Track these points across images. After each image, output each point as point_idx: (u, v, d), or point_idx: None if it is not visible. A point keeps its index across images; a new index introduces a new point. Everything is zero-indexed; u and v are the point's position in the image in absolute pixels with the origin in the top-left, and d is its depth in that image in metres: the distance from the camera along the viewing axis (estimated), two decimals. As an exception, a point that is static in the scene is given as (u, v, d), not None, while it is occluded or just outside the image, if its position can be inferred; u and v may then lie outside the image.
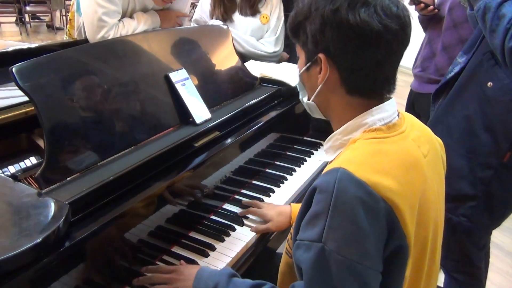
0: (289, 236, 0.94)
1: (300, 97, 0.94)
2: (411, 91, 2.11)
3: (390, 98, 0.85)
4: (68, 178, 0.93)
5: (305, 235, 0.74)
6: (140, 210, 1.00)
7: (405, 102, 2.13)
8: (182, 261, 1.05)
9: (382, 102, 0.83)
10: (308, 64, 0.84)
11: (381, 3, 0.75)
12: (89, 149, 1.00)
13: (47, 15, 8.45)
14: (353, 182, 0.70)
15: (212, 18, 1.97)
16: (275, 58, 1.99)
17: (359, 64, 0.78)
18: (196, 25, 2.06)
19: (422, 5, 1.84)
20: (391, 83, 0.83)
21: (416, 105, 2.07)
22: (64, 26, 8.39)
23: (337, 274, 0.69)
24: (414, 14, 1.97)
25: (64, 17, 8.44)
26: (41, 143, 1.18)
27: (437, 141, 0.93)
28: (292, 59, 2.08)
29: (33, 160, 1.16)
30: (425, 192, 0.79)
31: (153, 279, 0.98)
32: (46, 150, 0.91)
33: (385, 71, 0.80)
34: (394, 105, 0.84)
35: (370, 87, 0.81)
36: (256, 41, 1.95)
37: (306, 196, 0.78)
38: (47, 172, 0.90)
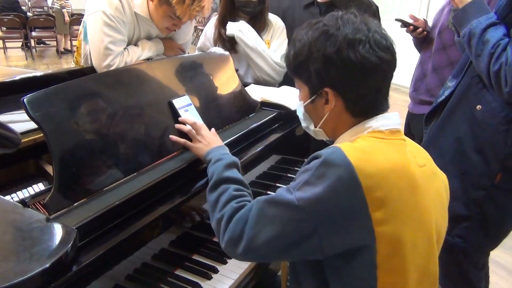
0: None
1: (305, 125, 1.02)
2: (408, 112, 2.16)
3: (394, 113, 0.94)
4: (75, 204, 0.97)
5: (292, 184, 0.86)
6: (145, 234, 1.03)
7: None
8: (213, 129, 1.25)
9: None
10: (313, 97, 0.93)
11: (373, 39, 0.85)
12: (96, 174, 1.04)
13: (53, 40, 8.61)
14: (341, 159, 0.80)
15: (215, 45, 2.04)
16: (280, 71, 2.02)
17: (362, 93, 0.88)
18: (200, 52, 2.12)
19: (412, 27, 1.92)
20: (387, 99, 0.93)
21: (411, 126, 2.11)
22: (70, 49, 8.56)
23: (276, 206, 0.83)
24: (409, 37, 2.05)
25: (70, 42, 8.62)
26: (48, 169, 1.23)
27: (441, 174, 0.99)
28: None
29: (40, 186, 1.20)
30: (417, 197, 0.84)
31: (187, 130, 1.22)
32: (55, 176, 0.95)
33: (383, 93, 0.91)
34: (398, 117, 0.93)
35: (373, 108, 0.91)
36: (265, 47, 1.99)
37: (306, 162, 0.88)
38: (56, 198, 0.94)
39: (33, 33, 8.33)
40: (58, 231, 0.86)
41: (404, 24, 1.94)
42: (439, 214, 0.93)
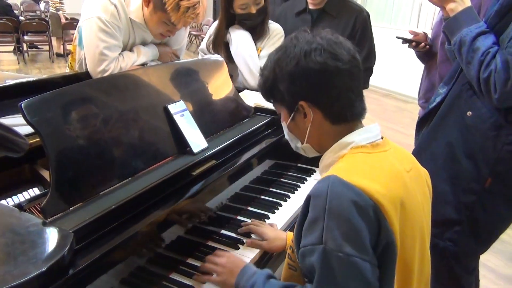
0: (289, 250, 1.00)
1: (293, 146, 1.05)
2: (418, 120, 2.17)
3: (373, 123, 0.96)
4: (72, 208, 0.98)
5: (307, 241, 0.82)
6: (140, 238, 1.04)
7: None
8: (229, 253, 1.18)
9: (362, 125, 0.95)
10: (292, 115, 0.95)
11: (327, 44, 0.89)
12: (92, 179, 1.05)
13: (45, 44, 8.59)
14: (344, 186, 0.80)
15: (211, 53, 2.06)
16: None
17: (334, 96, 0.90)
18: (202, 53, 2.13)
19: (414, 43, 1.94)
20: (363, 100, 0.95)
21: None
22: (63, 53, 8.54)
23: (340, 270, 0.76)
24: (398, 44, 2.07)
25: (63, 46, 8.60)
26: (44, 173, 1.23)
27: (422, 170, 1.02)
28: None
29: (36, 191, 1.21)
30: (407, 201, 0.87)
31: (208, 259, 1.14)
32: (51, 181, 0.96)
33: (355, 92, 0.92)
34: (378, 129, 0.95)
35: (350, 111, 0.92)
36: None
37: (302, 206, 0.87)
38: (52, 202, 0.95)
39: (26, 37, 8.30)
40: (54, 235, 0.87)
41: (406, 40, 1.96)
42: (426, 215, 0.97)
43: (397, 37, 1.98)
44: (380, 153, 0.91)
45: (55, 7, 8.73)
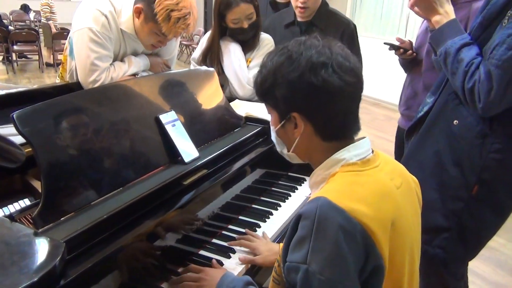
0: (275, 264, 1.00)
1: (279, 150, 1.03)
2: (398, 128, 2.21)
3: (363, 137, 0.95)
4: (63, 218, 0.98)
5: (293, 258, 0.81)
6: (132, 247, 1.04)
7: (387, 136, 2.23)
8: (213, 260, 1.21)
9: (353, 140, 0.93)
10: (283, 122, 0.93)
11: (336, 61, 0.85)
12: (83, 189, 1.05)
13: (35, 54, 8.55)
14: (333, 209, 0.79)
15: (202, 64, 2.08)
16: (249, 90, 2.03)
17: (330, 116, 0.89)
18: (194, 62, 2.15)
19: (401, 50, 1.98)
20: (357, 121, 0.94)
21: (403, 141, 2.16)
22: (52, 63, 8.51)
23: None
24: (395, 58, 2.11)
25: (52, 56, 8.57)
26: (35, 184, 1.23)
27: (411, 178, 1.01)
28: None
29: (26, 202, 1.20)
30: (398, 219, 0.86)
31: (184, 278, 1.12)
32: (43, 191, 0.96)
33: (352, 115, 0.91)
34: (368, 144, 0.94)
35: (342, 130, 0.91)
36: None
37: (292, 223, 0.86)
38: (44, 212, 0.95)
39: (15, 47, 8.26)
40: (46, 245, 0.87)
41: (393, 47, 1.99)
42: (417, 230, 0.97)
43: (384, 43, 2.02)
44: (371, 170, 0.89)
45: (46, 16, 8.73)
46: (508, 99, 1.19)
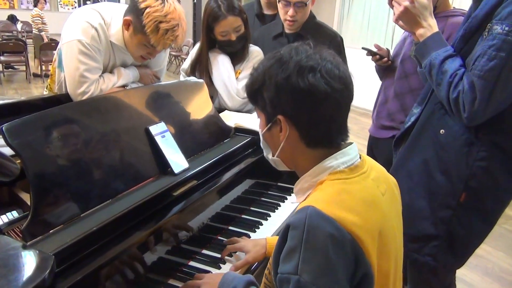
0: (266, 271, 1.01)
1: (265, 154, 1.03)
2: (369, 136, 2.24)
3: (351, 143, 0.95)
4: (52, 230, 0.97)
5: (284, 269, 0.81)
6: (121, 259, 1.04)
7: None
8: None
9: (340, 148, 0.93)
10: (269, 125, 0.94)
11: (325, 67, 0.86)
12: (73, 201, 1.05)
13: (22, 65, 8.49)
14: (322, 218, 0.79)
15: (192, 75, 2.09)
16: (238, 101, 2.04)
17: (314, 121, 0.88)
18: (183, 73, 2.16)
19: (377, 56, 2.02)
20: (344, 131, 0.93)
21: (373, 149, 2.20)
22: (40, 74, 8.45)
23: None
24: (371, 64, 2.15)
25: (40, 67, 8.52)
26: (23, 196, 1.22)
27: (392, 181, 1.02)
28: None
29: (14, 214, 1.19)
30: (384, 227, 0.87)
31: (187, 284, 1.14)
32: (32, 203, 0.96)
33: (337, 123, 0.91)
34: (356, 150, 0.95)
35: (327, 138, 0.91)
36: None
37: (281, 233, 0.86)
38: (33, 224, 0.94)
39: (2, 58, 8.20)
40: (35, 258, 0.86)
41: (370, 53, 2.04)
42: (400, 235, 0.98)
43: (362, 48, 2.06)
44: (359, 176, 0.90)
45: (38, 28, 8.70)
46: (492, 108, 1.22)
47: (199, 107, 1.62)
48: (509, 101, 1.22)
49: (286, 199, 1.71)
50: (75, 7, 17.17)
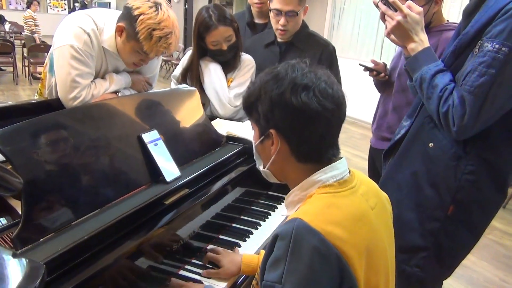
0: (254, 281, 1.02)
1: (257, 165, 1.06)
2: (370, 146, 2.28)
3: (341, 158, 0.97)
4: (43, 238, 0.96)
5: (269, 277, 0.83)
6: (112, 268, 1.03)
7: (362, 154, 2.30)
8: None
9: (330, 163, 0.94)
10: (261, 138, 0.96)
11: (319, 87, 0.89)
12: (64, 209, 1.04)
13: (9, 66, 8.38)
14: (309, 231, 0.81)
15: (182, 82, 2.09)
16: (229, 109, 2.05)
17: (305, 137, 0.91)
18: (174, 80, 2.16)
19: (375, 72, 2.07)
20: (335, 148, 0.96)
21: (375, 160, 2.23)
22: (26, 77, 8.36)
23: None
24: (365, 76, 2.19)
25: (27, 68, 8.42)
26: (12, 203, 1.20)
27: (384, 196, 1.04)
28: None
29: (3, 221, 1.17)
30: (373, 241, 0.89)
31: None
32: (23, 211, 0.95)
33: (327, 141, 0.93)
34: (345, 164, 0.97)
35: (317, 154, 0.94)
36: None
37: (269, 242, 0.87)
38: (23, 233, 0.93)
39: (-12, 59, 8.10)
40: (25, 266, 0.85)
41: (367, 69, 2.07)
42: (391, 249, 0.99)
43: (359, 64, 2.09)
44: (348, 190, 0.92)
45: (31, 30, 8.62)
46: (481, 123, 1.25)
47: (191, 115, 1.63)
48: (498, 116, 1.25)
49: (277, 208, 1.71)
50: (65, 9, 17.08)
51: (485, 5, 1.27)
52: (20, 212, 1.04)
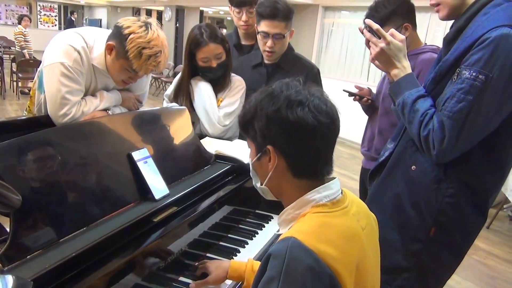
0: None
1: (254, 183, 1.07)
2: (362, 167, 2.33)
3: (334, 178, 1.00)
4: (31, 255, 0.97)
5: None
6: (99, 286, 1.04)
7: (350, 174, 2.34)
8: None
9: (324, 181, 0.97)
10: (258, 155, 0.99)
11: (313, 102, 0.92)
12: (53, 226, 1.05)
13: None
14: (302, 250, 0.82)
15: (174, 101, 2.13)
16: (218, 128, 2.08)
17: (301, 152, 0.94)
18: (167, 99, 2.19)
19: (358, 97, 2.15)
20: (330, 163, 0.99)
21: (365, 181, 2.27)
22: (14, 92, 8.30)
23: None
24: (344, 94, 2.25)
25: (15, 83, 8.37)
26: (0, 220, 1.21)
27: (372, 217, 1.07)
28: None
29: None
30: (363, 260, 0.91)
31: None
32: (11, 228, 0.96)
33: (323, 155, 0.96)
34: (338, 184, 0.99)
35: (313, 170, 0.96)
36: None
37: (262, 261, 0.89)
38: (11, 249, 0.94)
39: (-24, 73, 8.04)
40: (13, 283, 0.85)
41: (351, 94, 2.15)
42: (377, 269, 1.02)
43: (343, 90, 2.16)
44: (340, 211, 0.94)
45: (21, 45, 8.60)
46: (460, 147, 1.30)
47: (181, 134, 1.65)
48: (476, 141, 1.30)
49: (264, 226, 1.73)
50: (55, 25, 17.10)
51: (464, 34, 1.34)
52: (7, 229, 1.05)
